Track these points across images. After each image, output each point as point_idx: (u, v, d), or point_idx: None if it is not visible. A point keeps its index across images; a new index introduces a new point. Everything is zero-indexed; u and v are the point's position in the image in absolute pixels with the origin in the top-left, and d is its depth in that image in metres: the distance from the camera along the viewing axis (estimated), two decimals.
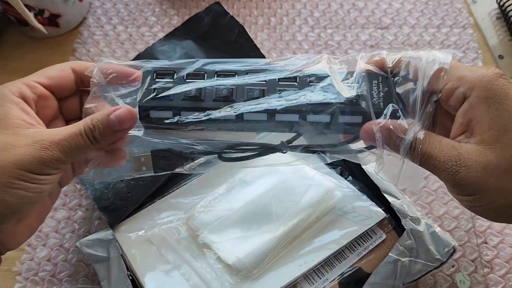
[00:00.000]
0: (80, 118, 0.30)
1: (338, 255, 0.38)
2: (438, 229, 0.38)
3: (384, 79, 0.30)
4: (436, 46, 0.57)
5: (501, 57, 0.56)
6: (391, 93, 0.29)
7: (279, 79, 0.30)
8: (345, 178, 0.43)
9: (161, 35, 0.59)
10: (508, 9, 0.57)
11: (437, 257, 0.37)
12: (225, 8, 0.61)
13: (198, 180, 0.44)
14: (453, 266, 0.41)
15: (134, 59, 0.54)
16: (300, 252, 0.38)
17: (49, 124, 0.32)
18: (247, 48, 0.52)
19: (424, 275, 0.38)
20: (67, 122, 0.34)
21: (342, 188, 0.41)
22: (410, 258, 0.37)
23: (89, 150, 0.29)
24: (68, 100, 0.33)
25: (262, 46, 0.57)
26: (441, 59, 0.28)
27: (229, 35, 0.53)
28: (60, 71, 0.32)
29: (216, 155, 0.32)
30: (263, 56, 0.52)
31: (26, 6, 0.52)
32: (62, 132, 0.28)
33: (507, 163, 0.25)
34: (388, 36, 0.58)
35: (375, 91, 0.29)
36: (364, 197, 0.41)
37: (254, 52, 0.52)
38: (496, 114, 0.25)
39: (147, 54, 0.54)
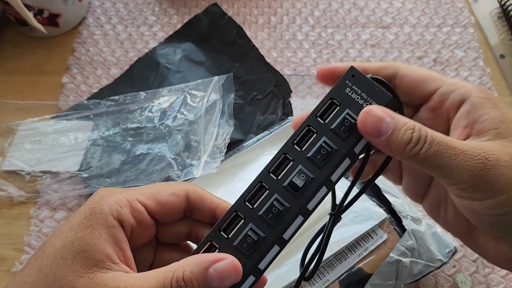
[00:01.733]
0: (175, 244, 0.27)
1: (339, 256, 0.38)
2: (439, 230, 0.38)
3: (352, 77, 0.25)
4: (437, 45, 0.57)
5: (502, 56, 0.55)
6: (372, 85, 0.25)
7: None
8: (346, 178, 0.43)
9: (160, 34, 0.59)
10: (509, 8, 0.56)
11: (438, 257, 0.37)
12: (225, 7, 0.61)
13: (198, 180, 0.44)
14: (454, 267, 0.41)
15: (134, 63, 0.54)
16: (300, 252, 0.37)
17: (137, 249, 0.26)
18: (245, 48, 0.52)
19: (425, 276, 0.37)
20: (158, 244, 0.28)
21: (342, 189, 0.41)
22: (411, 259, 0.37)
23: None
24: (168, 225, 0.27)
25: (262, 46, 0.57)
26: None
27: (228, 35, 0.53)
28: (172, 197, 0.26)
29: None
30: (262, 56, 0.52)
31: (26, 5, 0.51)
32: (144, 284, 0.22)
33: None
34: (389, 36, 0.58)
35: (357, 95, 0.25)
36: (365, 197, 0.40)
37: (253, 52, 0.52)
38: (503, 111, 0.24)
39: (147, 58, 0.54)
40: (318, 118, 0.25)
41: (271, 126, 0.48)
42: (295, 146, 0.25)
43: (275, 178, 0.25)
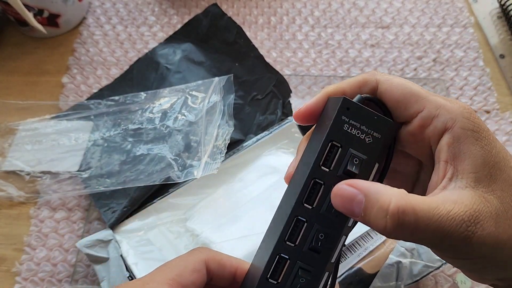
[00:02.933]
0: None
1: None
2: None
3: (347, 110, 0.23)
4: (437, 45, 0.57)
5: (502, 56, 0.55)
6: (369, 114, 0.23)
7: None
8: None
9: (160, 34, 0.59)
10: (509, 8, 0.56)
11: (438, 257, 0.37)
12: (225, 7, 0.61)
13: (198, 180, 0.44)
14: (454, 267, 0.41)
15: (134, 63, 0.54)
16: None
17: None
18: (245, 48, 0.52)
19: (425, 276, 0.37)
20: None
21: None
22: (411, 259, 0.37)
23: None
24: None
25: (262, 46, 0.57)
26: None
27: (228, 36, 0.53)
28: (194, 274, 0.24)
29: None
30: (262, 56, 0.52)
31: (26, 6, 0.51)
32: None
33: (509, 204, 0.21)
34: (389, 36, 0.58)
35: (357, 130, 0.23)
36: None
37: (253, 52, 0.52)
38: (486, 150, 0.21)
39: (147, 59, 0.54)
40: (323, 167, 0.22)
41: (271, 126, 0.48)
42: (305, 204, 0.23)
43: (293, 245, 0.23)
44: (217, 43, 0.54)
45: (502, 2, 0.58)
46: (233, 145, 0.46)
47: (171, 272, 0.24)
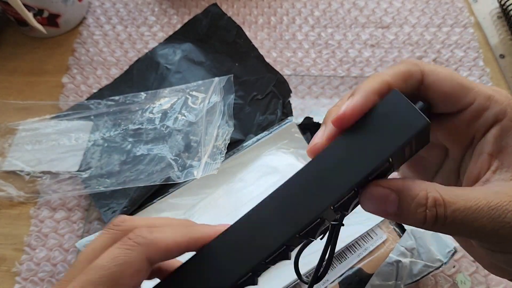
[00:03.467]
0: None
1: (338, 256, 0.38)
2: None
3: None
4: (437, 45, 0.57)
5: (502, 56, 0.55)
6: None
7: None
8: None
9: (160, 34, 0.59)
10: (509, 8, 0.56)
11: (438, 257, 0.37)
12: (225, 7, 0.61)
13: (198, 180, 0.44)
14: (454, 267, 0.41)
15: (134, 63, 0.54)
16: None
17: None
18: (245, 48, 0.52)
19: (425, 276, 0.37)
20: None
21: None
22: (411, 259, 0.37)
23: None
24: None
25: (262, 46, 0.57)
26: None
27: (228, 36, 0.53)
28: (136, 277, 0.20)
29: None
30: (262, 56, 0.52)
31: (25, 6, 0.51)
32: None
33: None
34: (389, 36, 0.58)
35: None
36: None
37: (253, 52, 0.52)
38: None
39: (147, 59, 0.54)
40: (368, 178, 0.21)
41: (271, 126, 0.48)
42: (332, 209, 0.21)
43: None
44: (217, 43, 0.54)
45: (502, 2, 0.58)
46: (233, 145, 0.46)
47: (108, 274, 0.20)
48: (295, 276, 0.36)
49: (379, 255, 0.38)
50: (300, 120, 0.48)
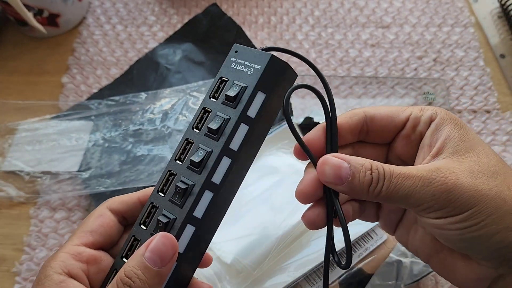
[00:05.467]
0: None
1: (338, 256, 0.38)
2: None
3: (236, 53, 0.27)
4: (437, 45, 0.57)
5: (502, 56, 0.55)
6: (253, 53, 0.26)
7: None
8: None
9: (160, 34, 0.59)
10: (510, 8, 0.56)
11: None
12: (225, 7, 0.61)
13: None
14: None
15: (134, 64, 0.54)
16: (300, 252, 0.37)
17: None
18: None
19: (426, 276, 0.37)
20: None
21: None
22: (411, 259, 0.37)
23: None
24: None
25: (262, 45, 0.57)
26: None
27: (228, 36, 0.53)
28: (99, 218, 0.27)
29: None
30: None
31: (25, 5, 0.51)
32: None
33: (489, 168, 0.24)
34: (389, 35, 0.58)
35: (241, 66, 0.26)
36: None
37: None
38: (463, 132, 0.25)
39: (147, 59, 0.54)
40: (212, 99, 0.26)
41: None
42: (194, 129, 0.26)
43: (181, 163, 0.26)
44: (217, 43, 0.54)
45: (503, 2, 0.58)
46: None
47: (82, 227, 0.27)
48: (295, 276, 0.36)
49: (380, 255, 0.38)
50: (301, 120, 0.48)
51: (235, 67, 0.26)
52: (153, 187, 0.27)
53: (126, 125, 0.49)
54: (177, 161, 0.26)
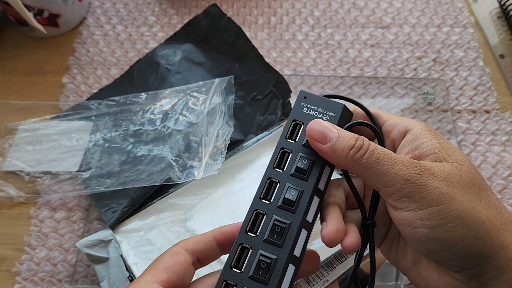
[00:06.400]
0: None
1: (338, 256, 0.38)
2: None
3: (304, 99, 0.29)
4: (437, 45, 0.57)
5: (502, 56, 0.55)
6: (324, 101, 0.28)
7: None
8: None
9: (160, 34, 0.59)
10: (509, 8, 0.56)
11: None
12: (225, 7, 0.61)
13: (198, 180, 0.44)
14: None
15: (134, 64, 0.54)
16: None
17: None
18: (245, 48, 0.52)
19: None
20: None
21: None
22: None
23: None
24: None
25: (262, 46, 0.57)
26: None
27: (228, 36, 0.53)
28: (174, 257, 0.26)
29: None
30: (262, 56, 0.52)
31: (26, 6, 0.51)
32: None
33: (467, 175, 0.24)
34: (389, 36, 0.58)
35: (314, 112, 0.28)
36: None
37: (252, 52, 0.52)
38: (442, 141, 0.26)
39: (147, 59, 0.54)
40: (288, 140, 0.27)
41: (271, 126, 0.48)
42: (276, 169, 0.27)
43: (268, 202, 0.26)
44: (217, 43, 0.54)
45: (502, 2, 0.58)
46: (233, 145, 0.46)
47: (153, 264, 0.26)
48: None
49: (379, 255, 0.38)
50: None
51: (307, 112, 0.28)
52: (228, 226, 0.27)
53: (126, 125, 0.49)
54: (264, 200, 0.26)
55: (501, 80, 0.54)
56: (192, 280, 0.27)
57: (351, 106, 0.30)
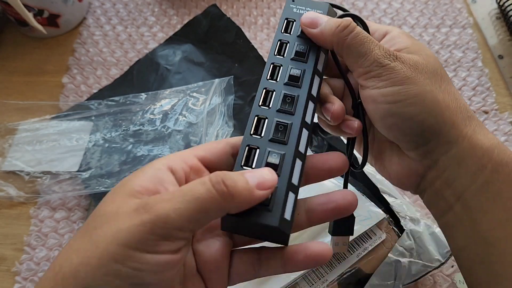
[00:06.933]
0: None
1: (337, 256, 0.38)
2: (437, 230, 0.38)
3: (293, 2, 0.31)
4: (436, 46, 0.57)
5: (500, 57, 0.56)
6: (310, 2, 0.31)
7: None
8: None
9: (160, 35, 0.59)
10: (508, 9, 0.57)
11: (436, 257, 0.37)
12: (225, 8, 0.61)
13: None
14: (452, 266, 0.41)
15: (134, 64, 0.54)
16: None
17: None
18: (245, 49, 0.53)
19: (424, 276, 0.38)
20: None
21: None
22: (410, 259, 0.37)
23: (221, 210, 0.22)
24: None
25: (261, 46, 0.57)
26: None
27: (227, 36, 0.53)
28: (214, 143, 0.27)
29: None
30: (261, 56, 0.52)
31: (26, 6, 0.52)
32: (177, 188, 0.22)
33: (432, 66, 0.28)
34: None
35: (304, 11, 0.31)
36: (364, 197, 0.41)
37: (252, 52, 0.52)
38: (415, 40, 0.30)
39: (147, 59, 0.54)
40: (284, 33, 0.30)
41: None
42: (277, 56, 0.29)
43: (275, 81, 0.28)
44: (216, 43, 0.54)
45: (501, 3, 0.58)
46: None
47: (198, 146, 0.27)
48: (294, 276, 0.36)
49: (378, 255, 0.38)
50: None
51: (297, 11, 0.31)
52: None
53: (126, 125, 0.49)
54: (264, 106, 0.28)
55: (500, 81, 0.54)
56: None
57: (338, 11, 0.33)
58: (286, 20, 0.31)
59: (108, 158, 0.47)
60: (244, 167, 0.25)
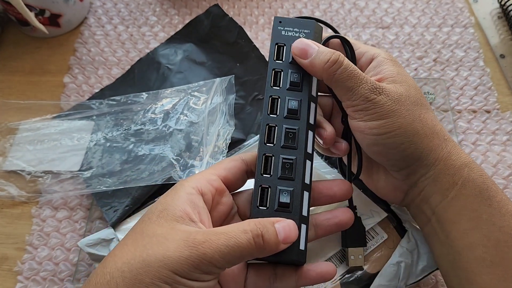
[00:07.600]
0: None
1: (339, 256, 0.38)
2: None
3: (280, 23, 0.33)
4: (437, 45, 0.57)
5: (502, 56, 0.56)
6: (297, 21, 0.33)
7: None
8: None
9: (162, 35, 0.59)
10: (510, 8, 0.57)
11: None
12: (226, 7, 0.61)
13: None
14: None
15: (136, 64, 0.54)
16: None
17: (223, 223, 0.30)
18: (246, 48, 0.53)
19: (427, 276, 0.37)
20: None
21: None
22: (412, 260, 0.37)
23: (252, 256, 0.26)
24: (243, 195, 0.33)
25: (263, 46, 0.57)
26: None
27: (229, 36, 0.53)
28: (234, 162, 0.31)
29: None
30: (263, 56, 0.52)
31: (27, 6, 0.52)
32: (222, 231, 0.25)
33: (414, 96, 0.31)
34: (389, 36, 0.58)
35: (292, 32, 0.32)
36: (365, 197, 0.41)
37: (254, 52, 0.52)
38: (400, 68, 0.32)
39: (148, 59, 0.54)
40: (277, 61, 0.32)
41: None
42: (273, 87, 0.31)
43: (276, 115, 0.30)
44: (218, 43, 0.54)
45: (503, 2, 0.58)
46: (234, 145, 0.46)
47: (219, 164, 0.31)
48: None
49: (380, 254, 0.38)
50: None
51: (285, 34, 0.32)
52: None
53: (127, 124, 0.49)
54: (268, 144, 0.30)
55: (501, 80, 0.54)
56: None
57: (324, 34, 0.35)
58: (276, 46, 0.32)
59: (110, 157, 0.47)
60: (260, 207, 0.29)
